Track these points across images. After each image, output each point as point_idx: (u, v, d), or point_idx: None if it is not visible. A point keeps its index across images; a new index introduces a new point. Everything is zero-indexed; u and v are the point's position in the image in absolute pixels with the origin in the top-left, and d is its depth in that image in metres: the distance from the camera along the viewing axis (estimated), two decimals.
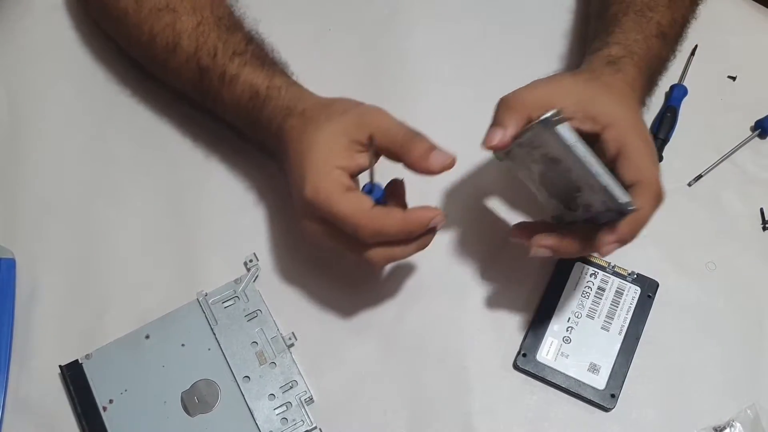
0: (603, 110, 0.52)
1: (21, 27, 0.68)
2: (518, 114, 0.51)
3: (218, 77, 0.57)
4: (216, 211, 0.62)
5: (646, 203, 0.50)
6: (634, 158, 0.51)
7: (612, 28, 0.59)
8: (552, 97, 0.52)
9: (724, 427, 0.56)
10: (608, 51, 0.57)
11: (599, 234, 0.50)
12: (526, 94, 0.52)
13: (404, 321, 0.59)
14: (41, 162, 0.63)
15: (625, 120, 0.52)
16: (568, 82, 0.54)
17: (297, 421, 0.54)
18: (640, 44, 0.58)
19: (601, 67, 0.56)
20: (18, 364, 0.57)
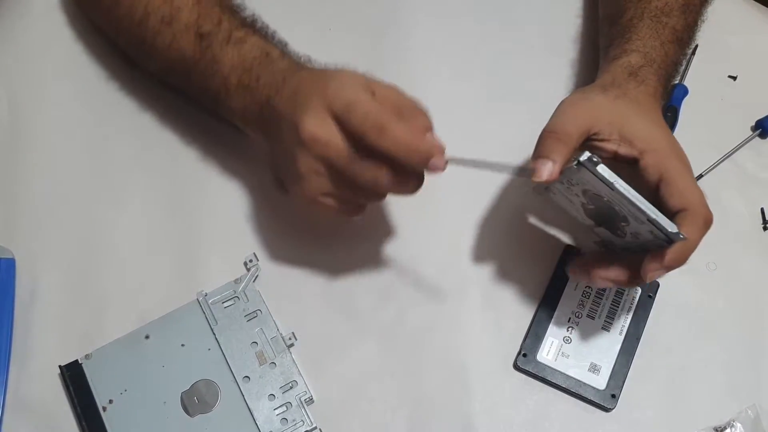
0: (639, 134, 0.52)
1: (20, 27, 0.68)
2: (564, 145, 0.51)
3: (222, 39, 0.56)
4: (216, 211, 0.62)
5: (695, 231, 0.50)
6: (678, 184, 0.50)
7: (629, 35, 0.58)
8: (591, 121, 0.52)
9: (724, 427, 0.56)
10: (627, 60, 0.56)
11: (645, 261, 0.49)
12: (569, 124, 0.52)
13: (404, 321, 0.59)
14: (41, 162, 0.63)
15: (662, 143, 0.52)
16: (601, 103, 0.53)
17: (297, 422, 0.54)
18: (658, 51, 0.57)
19: (625, 80, 0.55)
20: (18, 364, 0.56)
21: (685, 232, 0.48)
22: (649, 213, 0.48)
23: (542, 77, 0.69)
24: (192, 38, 0.57)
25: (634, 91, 0.54)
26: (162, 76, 0.62)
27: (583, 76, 0.69)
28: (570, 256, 0.61)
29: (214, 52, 0.56)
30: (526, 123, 0.66)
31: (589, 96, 0.54)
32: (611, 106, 0.53)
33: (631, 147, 0.52)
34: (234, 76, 0.55)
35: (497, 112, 0.67)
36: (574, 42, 0.71)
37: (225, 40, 0.56)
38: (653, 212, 0.48)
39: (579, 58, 0.70)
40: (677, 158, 0.52)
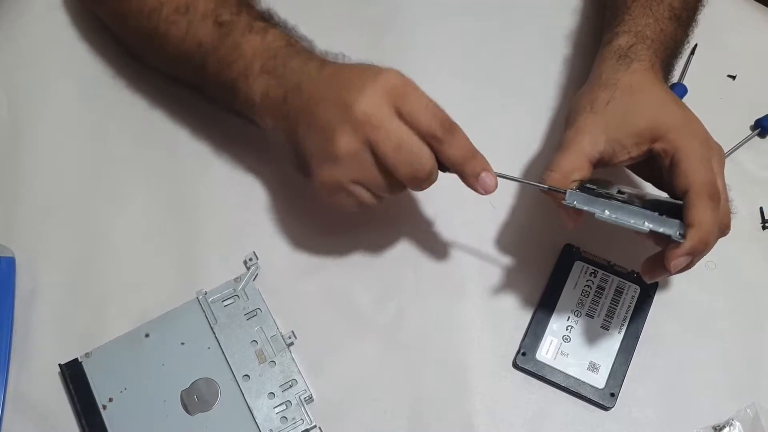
0: (641, 128, 0.52)
1: (20, 26, 0.68)
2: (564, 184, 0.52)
3: (244, 27, 0.55)
4: (216, 210, 0.62)
5: (700, 211, 0.49)
6: (682, 165, 0.50)
7: (621, 17, 0.58)
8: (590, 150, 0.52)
9: (723, 426, 0.56)
10: (617, 42, 0.56)
11: (666, 253, 0.49)
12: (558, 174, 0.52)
13: (404, 320, 0.59)
14: (41, 161, 0.63)
15: (667, 123, 0.52)
16: (593, 124, 0.53)
17: (296, 420, 0.54)
18: (652, 27, 0.57)
19: (614, 68, 0.55)
20: (18, 362, 0.56)
21: (690, 215, 0.49)
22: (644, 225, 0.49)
23: (542, 77, 0.69)
24: (210, 27, 0.56)
25: (626, 77, 0.54)
26: (172, 69, 0.61)
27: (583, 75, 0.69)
28: (569, 254, 0.61)
29: (235, 38, 0.56)
30: (526, 122, 0.67)
31: (578, 124, 0.54)
32: (603, 120, 0.53)
33: (640, 145, 0.52)
34: (258, 62, 0.55)
35: (497, 112, 0.67)
36: (574, 41, 0.71)
37: (246, 28, 0.56)
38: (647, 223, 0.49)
39: (580, 58, 0.70)
40: (688, 136, 0.51)
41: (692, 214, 0.49)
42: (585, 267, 0.60)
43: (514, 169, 0.65)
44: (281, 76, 0.54)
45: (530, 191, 0.64)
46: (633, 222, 0.50)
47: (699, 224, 0.49)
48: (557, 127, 0.67)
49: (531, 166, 0.65)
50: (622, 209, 0.50)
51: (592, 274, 0.60)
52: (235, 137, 0.64)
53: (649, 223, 0.50)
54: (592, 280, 0.60)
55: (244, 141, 0.64)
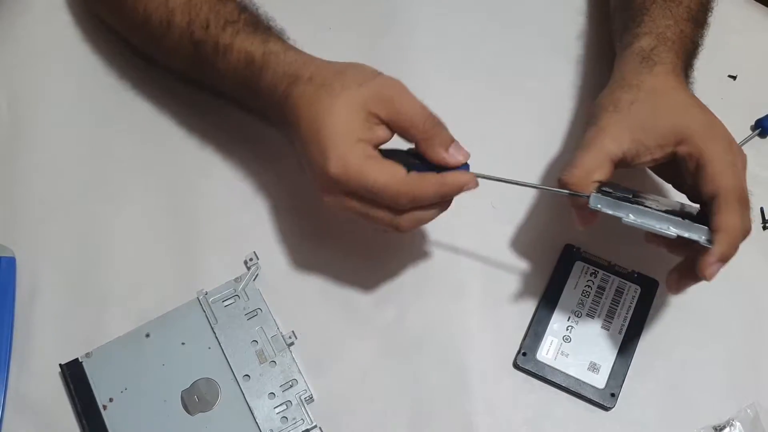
0: (665, 130, 0.51)
1: (21, 26, 0.68)
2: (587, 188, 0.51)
3: (212, 48, 0.56)
4: (216, 210, 0.62)
5: (729, 216, 0.49)
6: (709, 169, 0.50)
7: (641, 18, 0.58)
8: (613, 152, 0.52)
9: (724, 426, 0.56)
10: (639, 44, 0.56)
11: (700, 259, 0.49)
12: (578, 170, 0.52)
13: (404, 320, 0.59)
14: (41, 161, 0.63)
15: (691, 127, 0.51)
16: (616, 125, 0.52)
17: (297, 420, 0.54)
18: (673, 29, 0.57)
19: (637, 71, 0.54)
20: (18, 362, 0.57)
21: (719, 220, 0.49)
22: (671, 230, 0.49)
23: (543, 76, 0.69)
24: (189, 46, 0.57)
25: (649, 80, 0.54)
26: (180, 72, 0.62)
27: (584, 75, 0.69)
28: (570, 254, 0.61)
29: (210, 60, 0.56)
30: (527, 122, 0.67)
31: (602, 122, 0.53)
32: (627, 120, 0.52)
33: (664, 147, 0.51)
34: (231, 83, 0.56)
35: (498, 112, 0.67)
36: (575, 41, 0.71)
37: (214, 50, 0.56)
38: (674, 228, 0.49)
39: (581, 57, 0.70)
40: (713, 140, 0.51)
41: (722, 219, 0.49)
42: (585, 267, 0.60)
43: (513, 169, 0.64)
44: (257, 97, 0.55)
45: (530, 191, 0.64)
46: (659, 227, 0.49)
47: (728, 229, 0.49)
48: (557, 127, 0.67)
49: (531, 166, 0.65)
50: (646, 214, 0.50)
51: (592, 275, 0.60)
52: (235, 137, 0.64)
53: (675, 228, 0.49)
54: (593, 280, 0.60)
55: (245, 141, 0.64)
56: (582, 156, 0.52)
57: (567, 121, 0.67)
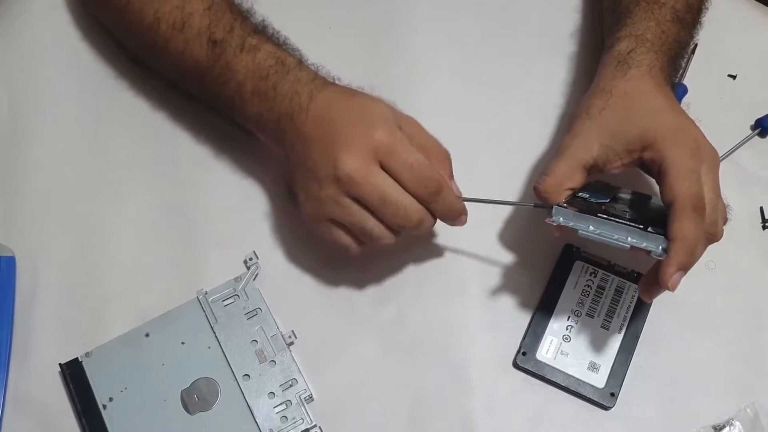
0: (632, 135, 0.52)
1: (20, 26, 0.68)
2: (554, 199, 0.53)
3: (236, 46, 0.56)
4: (216, 209, 0.62)
5: (684, 224, 0.49)
6: (668, 176, 0.50)
7: (623, 21, 0.58)
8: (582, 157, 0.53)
9: (723, 425, 0.56)
10: (617, 48, 0.56)
11: (659, 271, 0.49)
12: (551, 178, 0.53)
13: (404, 320, 0.59)
14: (41, 160, 0.63)
15: (656, 132, 0.52)
16: (588, 130, 0.54)
17: (297, 420, 0.54)
18: (653, 30, 0.57)
19: (612, 75, 0.55)
20: (18, 362, 0.57)
21: (674, 228, 0.49)
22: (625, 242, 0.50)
23: (543, 76, 0.69)
24: (204, 45, 0.57)
25: (621, 85, 0.54)
26: (174, 79, 0.62)
27: (584, 75, 0.69)
28: (569, 254, 0.61)
29: (227, 58, 0.56)
30: (526, 123, 0.67)
31: (575, 129, 0.54)
32: (597, 127, 0.53)
33: (631, 153, 0.52)
34: (249, 84, 0.55)
35: (498, 111, 0.67)
36: (575, 41, 0.70)
37: (239, 47, 0.56)
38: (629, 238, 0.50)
39: (580, 58, 0.70)
40: (675, 145, 0.51)
41: (675, 228, 0.49)
42: (585, 267, 0.60)
43: (513, 169, 0.65)
44: (272, 101, 0.55)
45: (529, 190, 0.64)
46: (616, 238, 0.50)
47: (682, 238, 0.49)
48: (557, 127, 0.66)
49: (531, 166, 0.65)
50: (607, 224, 0.50)
51: (592, 274, 0.60)
52: (236, 137, 0.64)
53: (632, 239, 0.50)
54: (593, 279, 0.60)
55: (245, 141, 0.64)
56: (554, 164, 0.54)
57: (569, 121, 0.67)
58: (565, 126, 0.57)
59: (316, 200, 0.53)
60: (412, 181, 0.52)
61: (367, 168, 0.51)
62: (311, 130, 0.53)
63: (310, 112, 0.53)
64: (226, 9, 0.58)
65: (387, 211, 0.52)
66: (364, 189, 0.51)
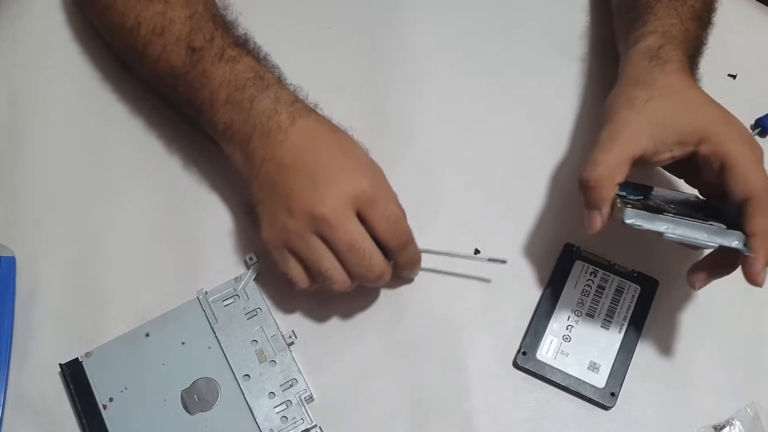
0: (686, 127, 0.51)
1: (20, 26, 0.68)
2: (605, 190, 0.51)
3: (215, 55, 0.56)
4: (216, 209, 0.62)
5: (765, 219, 0.48)
6: (740, 170, 0.49)
7: (646, 17, 0.57)
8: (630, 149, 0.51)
9: (723, 425, 0.56)
10: (645, 43, 0.55)
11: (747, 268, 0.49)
12: (603, 167, 0.51)
13: (404, 320, 0.59)
14: (41, 160, 0.63)
15: (714, 125, 0.51)
16: (633, 121, 0.52)
17: (297, 420, 0.54)
18: (678, 27, 0.56)
19: (648, 69, 0.54)
20: (18, 362, 0.57)
21: (755, 223, 0.48)
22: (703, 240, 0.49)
23: (544, 76, 0.69)
24: (183, 51, 0.57)
25: (661, 79, 0.53)
26: (150, 84, 0.62)
27: (584, 75, 0.69)
28: (570, 254, 0.61)
29: (204, 66, 0.56)
30: (526, 123, 0.67)
31: (618, 120, 0.52)
32: (644, 117, 0.52)
33: (684, 145, 0.51)
34: (224, 92, 0.55)
35: (499, 111, 0.67)
36: (576, 40, 0.70)
37: (217, 56, 0.56)
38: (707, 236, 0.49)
39: (583, 55, 0.70)
40: (736, 139, 0.50)
41: (758, 223, 0.48)
42: (585, 266, 0.60)
43: (514, 169, 0.65)
44: (247, 112, 0.54)
45: (530, 191, 0.64)
46: (698, 238, 0.49)
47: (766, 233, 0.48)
48: (559, 126, 0.66)
49: (531, 166, 0.65)
50: (681, 224, 0.49)
51: (592, 274, 0.60)
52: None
53: (716, 238, 0.49)
54: (593, 279, 0.60)
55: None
56: (602, 155, 0.51)
57: (569, 121, 0.67)
58: (602, 120, 0.54)
59: (281, 228, 0.53)
60: (387, 231, 0.53)
61: (344, 212, 0.51)
62: (289, 156, 0.53)
63: (290, 137, 0.53)
64: (209, 19, 0.58)
65: (352, 258, 0.52)
66: (336, 233, 0.51)
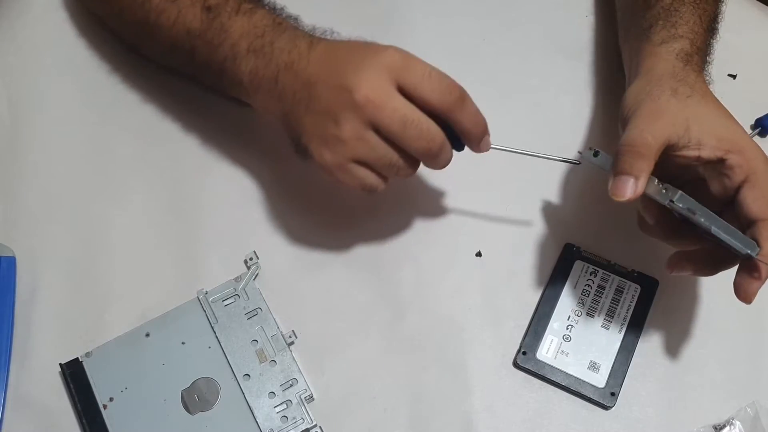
0: (719, 133, 0.50)
1: (20, 26, 0.68)
2: (646, 160, 0.49)
3: (231, 10, 0.55)
4: (216, 209, 0.62)
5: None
6: (763, 190, 0.49)
7: (674, 19, 0.57)
8: (669, 130, 0.50)
9: (724, 425, 0.56)
10: (678, 45, 0.55)
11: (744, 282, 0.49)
12: (648, 136, 0.49)
13: (404, 320, 0.59)
14: (41, 160, 0.63)
15: (745, 141, 0.51)
16: (675, 108, 0.51)
17: (297, 419, 0.54)
18: (702, 38, 0.56)
19: (684, 72, 0.54)
20: (18, 362, 0.57)
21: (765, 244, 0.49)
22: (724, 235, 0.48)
23: (544, 76, 0.69)
24: (198, 11, 0.56)
25: (698, 84, 0.53)
26: (165, 58, 0.62)
27: (586, 73, 0.69)
28: (570, 253, 0.61)
29: (222, 21, 0.56)
30: (526, 122, 0.67)
31: (661, 102, 0.52)
32: (684, 110, 0.51)
33: (715, 149, 0.50)
34: (244, 42, 0.55)
35: (498, 111, 0.66)
36: (576, 40, 0.71)
37: (234, 10, 0.56)
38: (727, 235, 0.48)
39: (581, 57, 0.70)
40: (763, 160, 0.51)
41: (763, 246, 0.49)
42: (585, 266, 0.60)
43: (514, 169, 0.64)
44: (269, 55, 0.54)
45: (531, 190, 0.64)
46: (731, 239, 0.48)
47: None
48: (558, 126, 0.67)
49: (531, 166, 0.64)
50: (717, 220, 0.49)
51: (592, 274, 0.60)
52: (236, 136, 0.64)
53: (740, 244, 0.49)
54: (593, 279, 0.60)
55: (246, 140, 0.64)
56: (648, 126, 0.50)
57: (569, 120, 0.67)
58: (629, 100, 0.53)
59: (334, 142, 0.51)
60: (435, 91, 0.50)
61: (385, 89, 0.50)
62: (314, 73, 0.52)
63: (312, 58, 0.53)
64: None
65: (410, 133, 0.50)
66: (385, 112, 0.50)
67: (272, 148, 0.64)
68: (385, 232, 0.62)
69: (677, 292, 0.61)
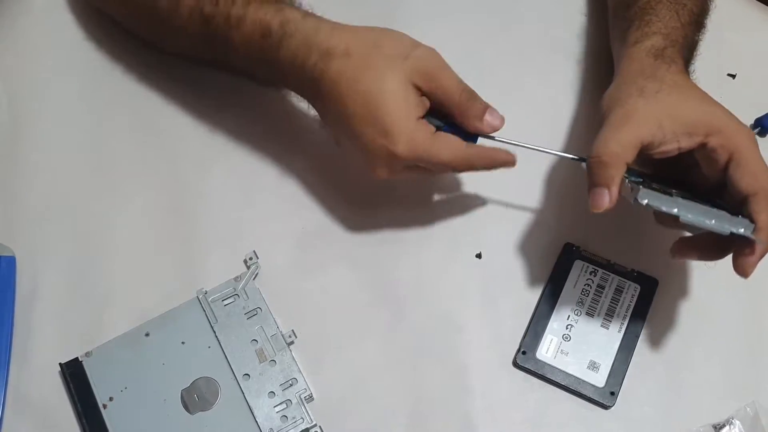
0: (695, 119, 0.51)
1: (20, 26, 0.68)
2: (615, 168, 0.50)
3: (224, 21, 0.55)
4: (216, 209, 0.62)
5: None
6: (749, 166, 0.50)
7: (648, 17, 0.57)
8: (640, 133, 0.50)
9: (723, 424, 0.56)
10: (650, 43, 0.56)
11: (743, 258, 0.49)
12: (615, 145, 0.50)
13: (404, 319, 0.59)
14: (41, 160, 0.63)
15: (723, 119, 0.51)
16: (643, 108, 0.52)
17: (297, 419, 0.54)
18: (679, 32, 0.57)
19: (654, 66, 0.54)
20: (18, 361, 0.57)
21: (761, 219, 0.48)
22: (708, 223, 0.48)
23: (544, 76, 0.69)
24: (199, 22, 0.56)
25: (669, 76, 0.53)
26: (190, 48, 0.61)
27: (584, 73, 0.69)
28: (569, 253, 0.61)
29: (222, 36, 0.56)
30: (526, 122, 0.66)
31: (628, 106, 0.52)
32: (654, 106, 0.52)
33: (693, 136, 0.51)
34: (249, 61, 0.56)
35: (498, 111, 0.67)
36: (576, 40, 0.71)
37: (226, 24, 0.55)
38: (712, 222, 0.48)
39: (581, 57, 0.70)
40: (744, 135, 0.51)
41: (764, 219, 0.49)
42: (585, 266, 0.60)
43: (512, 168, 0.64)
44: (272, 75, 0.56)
45: (530, 190, 0.64)
46: (712, 223, 0.48)
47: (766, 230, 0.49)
48: (556, 126, 0.67)
49: (531, 166, 0.65)
50: (692, 207, 0.49)
51: (592, 273, 0.60)
52: (236, 136, 0.64)
53: (725, 224, 0.48)
54: (592, 278, 0.60)
55: (245, 140, 0.64)
56: (614, 134, 0.51)
57: (567, 119, 0.67)
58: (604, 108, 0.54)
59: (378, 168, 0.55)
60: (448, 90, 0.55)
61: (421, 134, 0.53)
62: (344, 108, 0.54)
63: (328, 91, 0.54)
64: None
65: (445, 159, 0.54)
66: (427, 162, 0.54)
67: (272, 148, 0.64)
68: (385, 232, 0.62)
69: (677, 291, 0.61)
